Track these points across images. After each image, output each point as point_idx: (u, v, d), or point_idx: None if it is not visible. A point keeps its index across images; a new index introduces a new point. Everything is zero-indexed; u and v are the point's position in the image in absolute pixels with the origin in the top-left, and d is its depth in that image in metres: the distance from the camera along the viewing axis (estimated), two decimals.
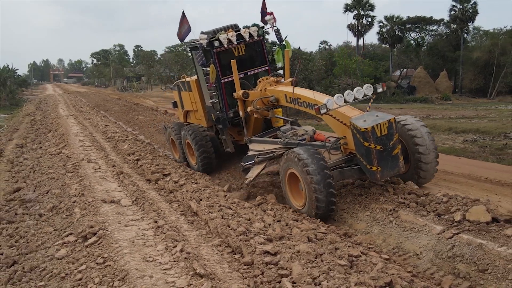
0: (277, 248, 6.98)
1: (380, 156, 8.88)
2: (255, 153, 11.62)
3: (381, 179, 9.18)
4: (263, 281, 6.02)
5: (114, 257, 7.03)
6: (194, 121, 15.01)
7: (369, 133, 8.72)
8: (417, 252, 7.41)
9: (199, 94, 14.00)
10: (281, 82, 11.99)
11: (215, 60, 12.40)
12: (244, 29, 12.84)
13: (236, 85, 12.11)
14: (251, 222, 8.49)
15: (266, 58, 13.46)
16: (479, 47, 67.97)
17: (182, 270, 6.36)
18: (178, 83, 15.48)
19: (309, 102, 10.13)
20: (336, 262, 6.54)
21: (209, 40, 12.31)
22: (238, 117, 12.84)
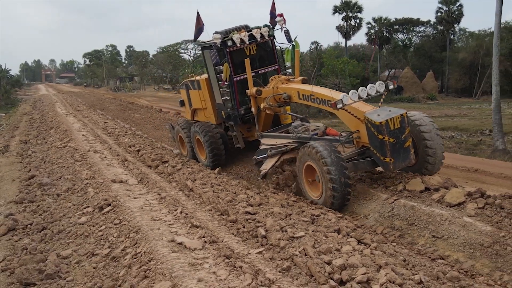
0: (256, 210, 9.08)
1: (393, 148, 9.44)
2: (267, 147, 12.22)
3: (394, 170, 9.82)
4: (244, 231, 8.07)
5: (128, 218, 8.94)
6: (202, 118, 15.65)
7: (383, 127, 9.28)
8: (366, 214, 9.51)
9: (209, 92, 14.64)
10: (292, 80, 12.64)
11: (228, 59, 13.02)
12: (256, 29, 13.47)
13: (249, 83, 12.64)
14: (237, 194, 10.49)
15: (276, 58, 14.15)
16: (464, 48, 69.88)
17: (182, 224, 8.33)
18: (186, 82, 16.21)
19: (322, 99, 10.76)
20: (301, 219, 8.59)
21: (222, 39, 12.95)
22: (249, 114, 13.50)
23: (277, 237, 7.47)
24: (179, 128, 16.26)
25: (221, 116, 14.38)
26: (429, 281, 6.07)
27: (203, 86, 14.86)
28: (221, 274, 6.19)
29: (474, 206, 8.31)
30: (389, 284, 5.74)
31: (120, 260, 7.41)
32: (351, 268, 6.25)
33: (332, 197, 9.45)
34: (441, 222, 8.14)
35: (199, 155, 15.32)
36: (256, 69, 13.57)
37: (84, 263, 7.69)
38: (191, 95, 15.87)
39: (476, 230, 7.60)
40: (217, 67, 13.24)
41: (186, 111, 16.90)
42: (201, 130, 14.41)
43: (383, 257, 6.85)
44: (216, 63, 13.08)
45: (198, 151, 15.28)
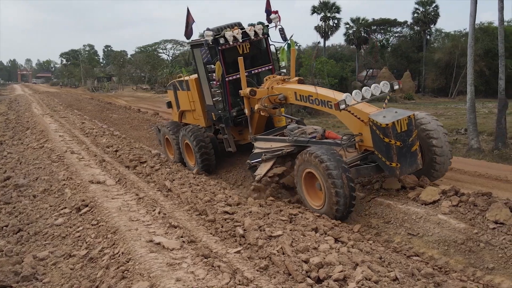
0: (234, 209, 9.12)
1: (400, 152, 8.93)
2: (261, 151, 11.67)
3: (401, 175, 9.24)
4: (222, 231, 8.09)
5: (105, 219, 8.89)
6: (191, 121, 15.09)
7: (390, 129, 8.77)
8: None
9: (198, 93, 14.09)
10: (288, 80, 12.16)
11: (220, 58, 12.45)
12: (250, 27, 12.89)
13: (242, 83, 12.11)
14: (215, 194, 10.52)
15: (270, 57, 13.62)
16: (440, 48, 70.69)
17: (161, 225, 8.33)
18: (174, 83, 15.65)
19: (322, 100, 10.25)
20: (279, 218, 8.67)
21: (214, 37, 12.36)
22: (241, 116, 12.99)
23: (255, 236, 7.53)
24: (166, 131, 15.64)
25: (211, 118, 13.88)
26: (404, 277, 6.19)
27: (192, 87, 14.35)
28: (199, 273, 6.21)
29: (449, 204, 8.48)
30: (365, 281, 5.84)
31: (97, 261, 7.38)
32: (328, 266, 6.33)
33: (336, 206, 8.81)
34: (416, 220, 8.30)
35: (187, 159, 14.74)
36: (249, 69, 13.01)
37: (61, 265, 7.63)
38: (179, 96, 15.39)
39: (450, 227, 7.77)
40: (208, 66, 12.74)
41: (174, 113, 16.38)
42: (190, 134, 13.79)
43: (359, 255, 6.95)
44: (208, 62, 12.55)
45: (187, 155, 14.70)
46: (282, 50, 13.42)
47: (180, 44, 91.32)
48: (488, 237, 7.34)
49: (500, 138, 23.88)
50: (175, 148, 15.12)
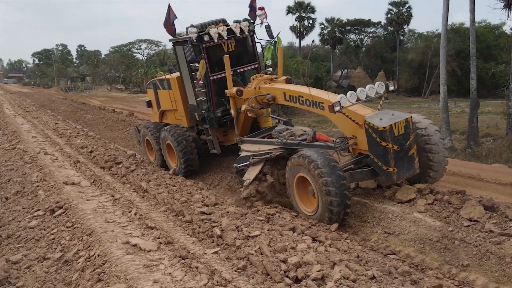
0: (211, 210, 9.08)
1: (397, 156, 8.60)
2: (249, 154, 11.04)
3: (398, 180, 8.90)
4: (200, 231, 8.05)
5: (80, 221, 8.76)
6: (172, 121, 14.52)
7: (387, 132, 8.44)
8: None
9: (180, 92, 13.56)
10: (275, 79, 11.74)
11: (204, 56, 11.92)
12: (235, 23, 12.42)
13: (228, 82, 11.63)
14: (192, 195, 10.46)
15: (256, 55, 13.13)
16: (413, 49, 71.66)
17: (137, 226, 8.25)
18: (154, 81, 15.09)
19: (314, 101, 9.82)
20: (256, 218, 8.66)
21: (198, 34, 11.81)
22: (226, 117, 12.54)
23: (232, 237, 7.49)
24: (147, 132, 14.96)
25: (194, 118, 13.33)
26: (381, 276, 6.22)
27: (174, 86, 13.78)
28: (177, 275, 6.16)
29: (424, 202, 8.60)
30: (343, 280, 5.86)
31: (73, 264, 7.27)
32: (306, 266, 6.34)
33: (330, 212, 8.41)
34: (392, 218, 8.38)
35: (169, 161, 14.11)
36: (234, 67, 12.36)
37: (35, 268, 7.49)
38: (160, 96, 14.86)
39: (426, 226, 7.86)
40: (192, 64, 12.05)
41: (154, 112, 15.82)
42: (172, 135, 13.18)
43: (337, 254, 6.97)
44: (191, 60, 11.89)
45: (169, 157, 14.08)
46: (268, 48, 12.96)
47: (155, 44, 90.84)
48: (462, 235, 7.44)
49: (472, 137, 24.32)
50: (156, 150, 14.58)
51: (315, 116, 38.28)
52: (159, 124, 14.93)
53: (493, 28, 62.41)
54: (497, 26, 61.84)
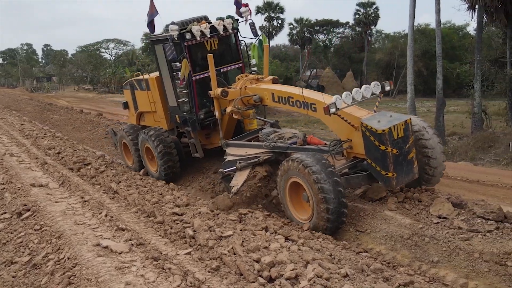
0: (183, 210, 9.01)
1: (396, 160, 8.17)
2: (235, 158, 10.58)
3: (397, 186, 8.46)
4: (172, 232, 7.97)
5: (49, 223, 8.59)
6: (151, 123, 13.89)
7: (386, 135, 8.00)
8: None
9: (160, 93, 12.89)
10: (262, 79, 11.26)
11: (186, 55, 11.33)
12: (218, 21, 11.86)
13: (212, 83, 11.09)
14: (163, 196, 10.37)
15: (240, 54, 12.53)
16: (381, 49, 72.67)
17: (108, 228, 8.13)
18: (131, 82, 14.36)
19: (305, 102, 9.36)
20: (228, 218, 8.62)
21: (180, 31, 11.19)
22: (209, 119, 11.99)
23: (205, 237, 7.44)
24: (124, 135, 14.11)
25: (175, 120, 12.65)
26: (354, 274, 6.28)
27: (152, 86, 13.09)
28: (149, 276, 6.10)
29: (394, 200, 8.70)
30: (317, 279, 5.88)
31: (41, 267, 7.13)
32: (280, 265, 6.34)
33: (326, 220, 8.00)
34: (364, 216, 8.45)
35: (148, 166, 13.28)
36: (218, 67, 11.66)
37: (2, 272, 7.31)
38: (138, 97, 14.12)
39: (397, 223, 7.96)
40: (173, 64, 11.41)
41: (131, 114, 15.08)
42: (151, 138, 12.42)
43: (310, 252, 7.00)
44: (173, 59, 11.25)
45: (148, 161, 13.26)
46: (253, 47, 12.52)
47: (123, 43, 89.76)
48: (432, 232, 7.56)
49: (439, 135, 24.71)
50: (134, 154, 13.77)
51: (285, 116, 38.44)
52: (137, 127, 14.27)
53: (457, 29, 63.71)
54: (462, 27, 63.15)
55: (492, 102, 31.24)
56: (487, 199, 9.20)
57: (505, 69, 25.35)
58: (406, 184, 8.87)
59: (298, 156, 8.47)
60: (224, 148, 11.35)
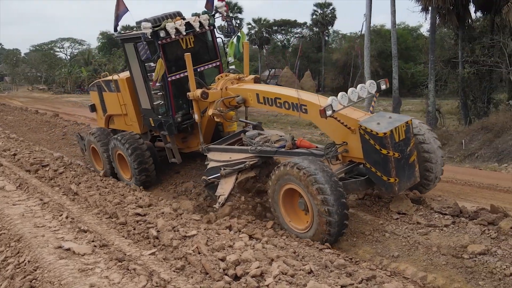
0: (146, 211, 8.96)
1: (398, 165, 7.70)
2: (219, 164, 9.95)
3: (399, 191, 7.99)
4: (135, 233, 7.92)
5: (7, 226, 8.39)
6: (121, 127, 13.08)
7: (388, 139, 7.53)
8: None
9: (131, 95, 12.10)
10: (243, 79, 10.63)
11: (160, 54, 10.59)
12: (194, 17, 11.10)
13: (191, 83, 10.39)
14: (125, 196, 10.26)
15: (218, 52, 11.85)
16: (338, 49, 73.73)
17: (69, 230, 8.00)
18: (99, 83, 13.49)
19: (294, 103, 8.84)
20: (192, 218, 8.63)
21: (153, 29, 10.40)
22: (187, 122, 11.31)
23: (169, 237, 7.43)
24: (93, 139, 13.28)
25: (149, 124, 11.91)
26: (318, 270, 6.39)
27: (123, 88, 12.28)
28: (114, 278, 6.05)
29: (355, 197, 8.91)
30: (282, 276, 5.96)
31: (1, 272, 6.96)
32: (245, 263, 6.39)
33: (328, 233, 7.54)
34: None
35: (121, 173, 12.57)
36: (194, 66, 10.71)
37: None
38: (106, 99, 13.30)
39: (358, 220, 8.16)
40: (146, 64, 10.74)
41: (99, 117, 14.21)
42: (124, 144, 11.73)
43: (274, 250, 7.09)
44: (147, 58, 10.52)
45: (120, 168, 12.54)
46: (231, 44, 11.84)
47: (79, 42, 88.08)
48: (392, 227, 7.79)
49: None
50: (105, 160, 12.96)
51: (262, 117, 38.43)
52: (106, 130, 13.44)
53: (412, 30, 65.28)
54: (416, 28, 64.75)
55: (445, 101, 32.17)
56: (444, 195, 9.53)
57: (457, 69, 26.12)
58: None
59: (298, 162, 7.84)
60: (205, 153, 10.68)
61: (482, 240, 7.07)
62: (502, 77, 25.41)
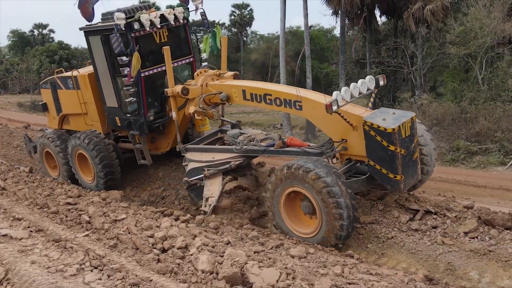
0: (76, 201, 9.66)
1: (404, 161, 7.58)
2: (201, 165, 9.52)
3: (405, 189, 7.90)
4: (68, 220, 8.63)
5: None
6: (79, 127, 12.11)
7: (396, 135, 7.38)
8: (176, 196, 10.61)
9: (93, 93, 11.36)
10: (223, 75, 10.21)
11: (133, 47, 9.95)
12: (168, 9, 10.55)
13: (169, 79, 9.89)
14: (54, 189, 10.83)
15: (191, 47, 11.32)
16: (256, 49, 75.23)
17: (3, 219, 8.54)
18: (53, 79, 12.44)
19: (288, 99, 8.56)
20: (120, 205, 9.43)
21: (127, 20, 9.74)
22: (158, 121, 10.78)
23: (101, 221, 8.18)
24: (47, 142, 12.35)
25: (114, 123, 11.23)
26: (235, 241, 7.39)
27: (84, 85, 11.46)
28: (53, 255, 6.72)
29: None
30: (204, 246, 6.89)
31: None
32: (171, 238, 7.27)
33: (337, 237, 7.42)
34: None
35: (82, 176, 11.77)
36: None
37: None
38: (62, 97, 12.31)
39: None
40: (119, 58, 9.94)
41: (51, 117, 13.13)
42: (87, 143, 10.97)
43: (196, 228, 8.02)
44: (120, 52, 9.75)
45: (81, 171, 11.75)
46: (206, 39, 11.21)
47: None
48: None
49: (310, 130, 26.80)
50: (62, 163, 12.11)
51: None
52: (61, 132, 12.61)
53: (325, 31, 67.90)
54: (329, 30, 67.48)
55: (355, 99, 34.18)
56: None
57: (365, 69, 28.05)
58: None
59: (299, 162, 7.68)
60: (183, 154, 10.14)
61: (371, 212, 8.40)
62: (405, 77, 27.61)
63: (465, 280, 6.78)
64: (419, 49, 24.70)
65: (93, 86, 11.28)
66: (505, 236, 7.30)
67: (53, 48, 33.79)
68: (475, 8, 21.26)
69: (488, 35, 19.67)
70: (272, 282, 5.62)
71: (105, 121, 11.53)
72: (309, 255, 6.96)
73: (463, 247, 7.26)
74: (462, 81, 21.47)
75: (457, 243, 7.37)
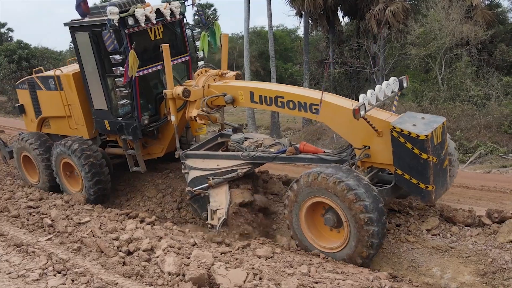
0: (38, 204, 9.49)
1: (435, 170, 6.96)
2: (205, 173, 8.71)
3: (435, 200, 7.28)
4: (29, 223, 8.44)
5: None
6: (62, 131, 11.24)
7: (429, 142, 6.77)
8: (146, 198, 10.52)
9: (78, 94, 10.42)
10: (225, 76, 9.52)
11: (127, 44, 9.09)
12: (164, 3, 9.71)
13: (168, 80, 9.12)
14: (14, 193, 10.57)
15: (187, 45, 10.57)
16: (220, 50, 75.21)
17: None
18: (32, 80, 11.43)
19: (302, 102, 7.92)
20: (83, 208, 9.33)
21: (120, 15, 8.88)
22: (153, 125, 9.94)
23: (64, 225, 8.04)
24: (27, 146, 11.12)
25: (103, 127, 10.37)
26: (202, 242, 7.37)
27: (67, 85, 10.51)
28: (14, 260, 6.59)
29: None
30: (170, 248, 6.86)
31: None
32: (137, 241, 7.21)
33: (367, 256, 6.86)
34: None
35: (67, 185, 10.71)
36: (161, 60, 9.29)
37: None
38: (41, 98, 11.33)
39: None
40: (111, 56, 9.06)
41: (28, 120, 12.08)
42: (75, 152, 9.93)
43: (162, 230, 7.97)
44: (114, 49, 8.93)
45: (66, 180, 10.72)
46: (203, 36, 10.41)
47: None
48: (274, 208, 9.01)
49: (275, 130, 27.00)
50: (43, 170, 11.01)
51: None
52: (43, 135, 11.43)
53: (289, 32, 68.33)
54: (293, 30, 67.95)
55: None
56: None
57: (329, 69, 28.39)
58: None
59: (327, 171, 6.99)
60: (183, 161, 9.35)
61: None
62: (367, 77, 28.05)
63: (428, 276, 6.91)
64: (381, 50, 25.14)
65: (79, 87, 10.36)
66: (465, 232, 7.46)
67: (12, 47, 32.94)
68: (434, 10, 21.81)
69: (447, 36, 20.21)
70: (239, 282, 5.67)
71: (91, 125, 10.62)
72: (275, 255, 7.01)
73: (425, 244, 7.38)
74: (423, 81, 22.00)
75: (420, 240, 7.50)
